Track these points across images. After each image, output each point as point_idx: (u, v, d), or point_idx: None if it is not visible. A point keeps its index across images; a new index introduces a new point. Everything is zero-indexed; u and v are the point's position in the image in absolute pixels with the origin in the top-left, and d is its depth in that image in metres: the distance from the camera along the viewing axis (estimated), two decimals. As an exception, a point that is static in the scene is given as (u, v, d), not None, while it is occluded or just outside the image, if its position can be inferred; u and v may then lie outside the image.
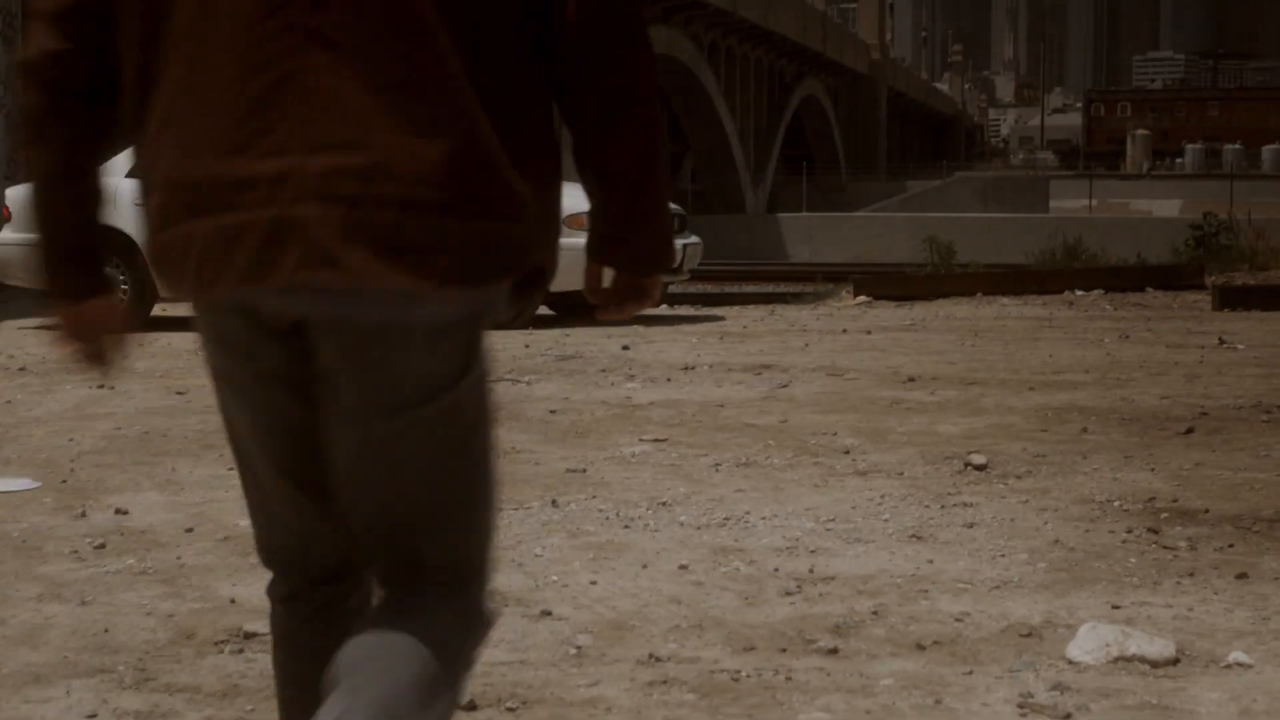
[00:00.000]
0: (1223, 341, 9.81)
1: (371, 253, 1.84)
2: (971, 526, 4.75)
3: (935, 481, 5.44)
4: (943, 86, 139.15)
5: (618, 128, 1.99)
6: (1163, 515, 4.87)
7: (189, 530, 4.78)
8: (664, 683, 3.35)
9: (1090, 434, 6.37)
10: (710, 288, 21.32)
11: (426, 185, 1.85)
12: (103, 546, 4.58)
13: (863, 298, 14.02)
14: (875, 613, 3.85)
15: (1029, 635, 3.65)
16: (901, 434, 6.40)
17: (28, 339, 10.58)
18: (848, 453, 5.98)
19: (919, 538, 4.62)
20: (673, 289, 14.72)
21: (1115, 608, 3.86)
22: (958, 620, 3.78)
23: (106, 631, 3.76)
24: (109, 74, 1.99)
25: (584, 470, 5.65)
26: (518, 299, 2.02)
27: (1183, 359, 8.94)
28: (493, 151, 1.89)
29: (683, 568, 4.29)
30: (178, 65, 1.91)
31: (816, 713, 3.17)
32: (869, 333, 10.76)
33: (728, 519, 4.87)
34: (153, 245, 1.97)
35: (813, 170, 65.05)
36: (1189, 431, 6.37)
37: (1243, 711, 3.15)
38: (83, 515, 5.00)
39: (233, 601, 3.99)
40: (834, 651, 3.55)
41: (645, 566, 4.31)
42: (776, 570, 4.27)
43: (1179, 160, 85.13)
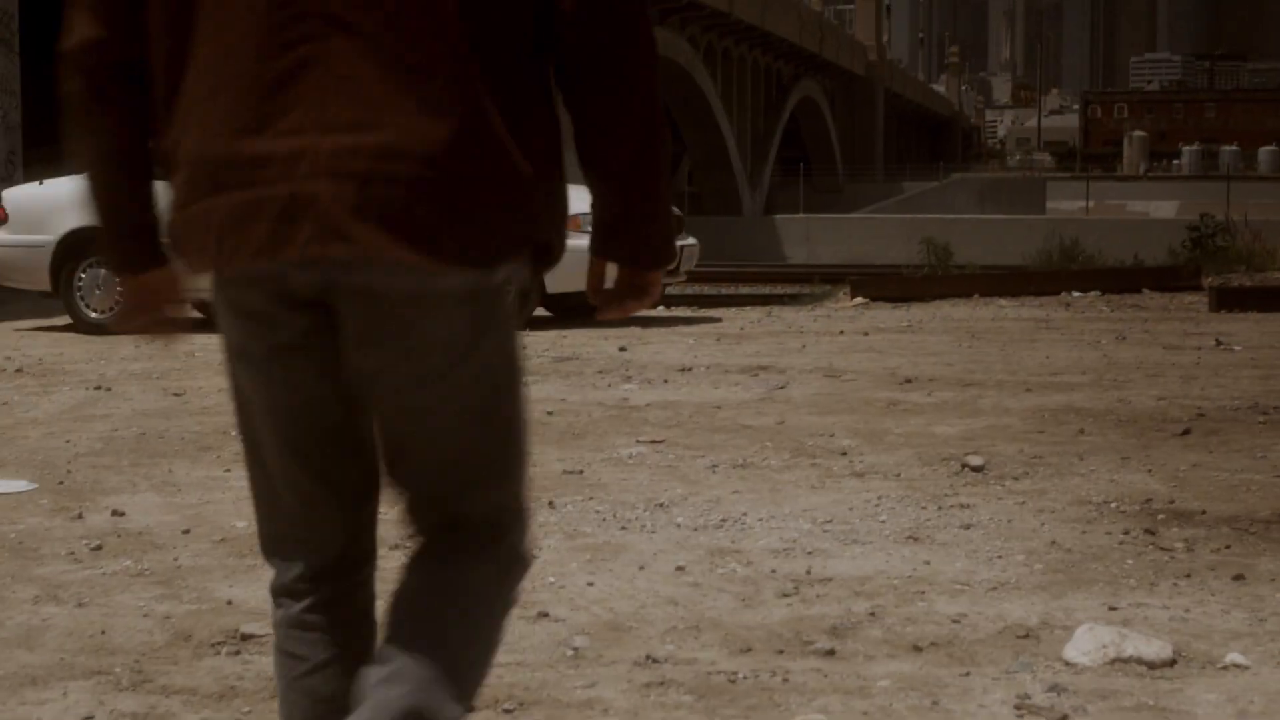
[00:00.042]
0: (1219, 343, 9.81)
1: (381, 229, 1.90)
2: (968, 528, 4.75)
3: (932, 483, 5.44)
4: (939, 88, 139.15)
5: (618, 126, 2.03)
6: (1159, 516, 4.88)
7: (186, 532, 4.78)
8: (661, 684, 3.35)
9: (1087, 435, 6.37)
10: (707, 289, 21.32)
11: (435, 165, 1.92)
12: (99, 548, 4.58)
13: (860, 299, 14.01)
14: (872, 614, 3.85)
15: (1026, 636, 3.66)
16: (898, 435, 6.40)
17: (24, 341, 10.56)
18: (845, 454, 5.98)
19: (916, 539, 4.62)
20: (670, 290, 14.71)
21: (1112, 609, 3.86)
22: (955, 621, 3.78)
23: (103, 633, 3.76)
24: (143, 59, 2.05)
25: (581, 472, 5.65)
26: (531, 274, 2.09)
27: (1179, 360, 8.95)
28: (499, 135, 1.95)
29: (680, 569, 4.29)
30: (203, 49, 1.98)
31: (813, 714, 3.17)
32: (866, 334, 10.76)
33: (725, 520, 4.87)
34: (176, 221, 2.04)
35: (810, 172, 65.10)
36: (1186, 433, 6.38)
37: (1240, 713, 3.15)
38: (79, 517, 5.00)
39: (230, 603, 3.99)
40: (831, 653, 3.55)
41: (642, 568, 4.31)
42: (773, 571, 4.27)
43: (1176, 162, 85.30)
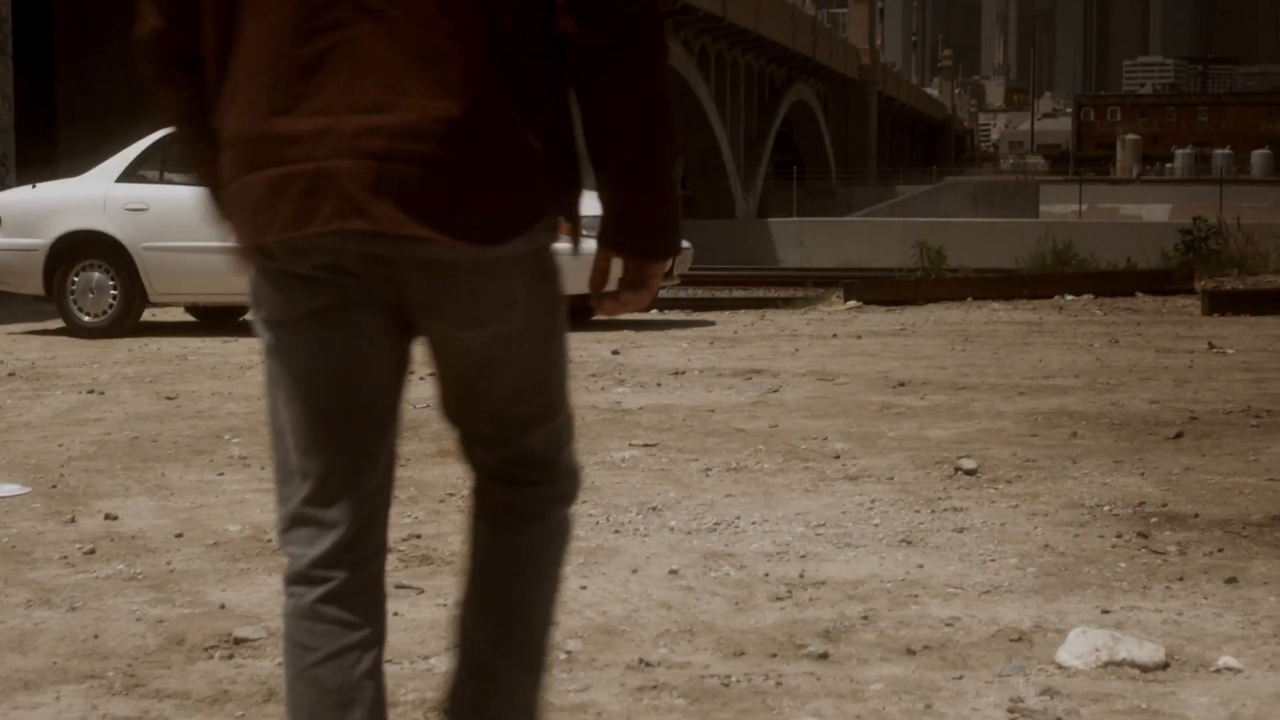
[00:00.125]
0: (1212, 346, 9.83)
1: (397, 205, 2.02)
2: (961, 531, 4.75)
3: (925, 486, 5.44)
4: (933, 91, 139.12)
5: (619, 124, 2.11)
6: (1152, 520, 4.88)
7: (179, 536, 4.77)
8: (654, 688, 3.35)
9: (1080, 439, 6.37)
10: (700, 292, 21.34)
11: (450, 144, 2.02)
12: (92, 552, 4.57)
13: (853, 302, 14.01)
14: (865, 617, 3.85)
15: (1019, 640, 3.66)
16: (892, 439, 6.40)
17: (17, 344, 10.55)
18: (838, 457, 5.98)
19: (909, 542, 4.62)
20: (663, 294, 14.71)
21: (1105, 612, 3.87)
22: (948, 625, 3.78)
23: (96, 637, 3.75)
24: (197, 47, 2.19)
25: (574, 475, 5.64)
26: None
27: (1172, 363, 8.96)
28: (511, 114, 2.05)
29: (673, 573, 4.29)
30: (244, 36, 2.11)
31: (806, 718, 3.17)
32: (859, 337, 10.77)
33: (718, 524, 4.87)
34: (220, 198, 2.18)
35: (803, 175, 65.21)
36: (1178, 436, 6.38)
37: (1232, 716, 3.15)
38: (72, 521, 4.99)
39: (223, 607, 3.99)
40: (824, 656, 3.55)
41: (635, 571, 4.31)
42: (766, 575, 4.27)
43: (1168, 165, 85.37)
